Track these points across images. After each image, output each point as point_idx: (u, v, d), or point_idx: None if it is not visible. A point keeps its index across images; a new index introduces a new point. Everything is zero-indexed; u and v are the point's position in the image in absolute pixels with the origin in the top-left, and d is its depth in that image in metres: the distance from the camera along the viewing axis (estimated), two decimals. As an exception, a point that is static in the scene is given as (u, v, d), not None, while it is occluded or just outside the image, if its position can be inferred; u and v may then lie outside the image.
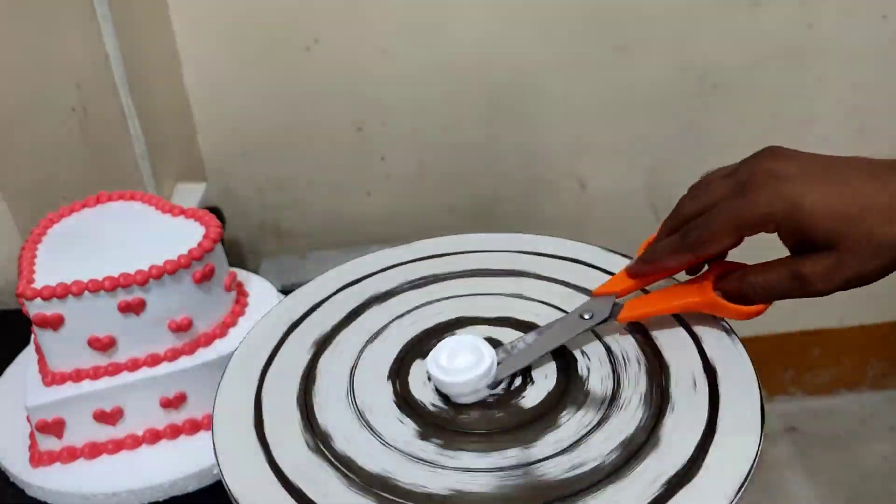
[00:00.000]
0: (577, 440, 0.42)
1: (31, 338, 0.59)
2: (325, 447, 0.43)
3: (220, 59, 1.13)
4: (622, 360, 0.47)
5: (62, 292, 0.52)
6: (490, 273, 0.55)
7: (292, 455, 0.42)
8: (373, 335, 0.50)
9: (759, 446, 0.40)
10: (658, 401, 0.44)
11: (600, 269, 0.55)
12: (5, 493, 0.56)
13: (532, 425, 0.43)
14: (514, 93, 1.18)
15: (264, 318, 0.52)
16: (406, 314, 0.52)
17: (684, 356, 0.47)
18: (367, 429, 0.44)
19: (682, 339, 0.48)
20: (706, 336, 0.48)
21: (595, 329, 0.48)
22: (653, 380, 0.45)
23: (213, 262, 0.58)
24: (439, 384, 0.45)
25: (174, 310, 0.56)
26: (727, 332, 0.48)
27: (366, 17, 1.11)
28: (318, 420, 0.45)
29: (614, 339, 0.48)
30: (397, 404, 0.45)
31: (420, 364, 0.48)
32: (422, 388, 0.46)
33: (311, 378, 0.47)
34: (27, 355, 0.63)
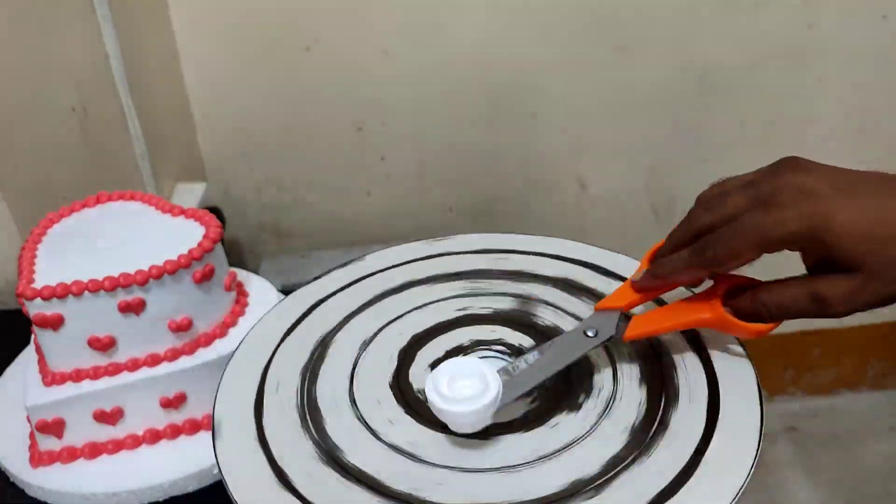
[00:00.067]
0: (577, 440, 0.42)
1: (31, 338, 0.59)
2: (325, 447, 0.43)
3: (220, 59, 1.13)
4: (621, 360, 0.47)
5: (62, 292, 0.52)
6: (490, 273, 0.55)
7: (293, 455, 0.42)
8: (373, 335, 0.50)
9: (759, 446, 0.40)
10: (658, 401, 0.44)
11: (601, 269, 0.55)
12: (5, 493, 0.56)
13: (531, 426, 0.43)
14: (514, 93, 1.18)
15: (264, 318, 0.53)
16: (406, 314, 0.52)
17: (684, 356, 0.47)
18: (368, 429, 0.44)
19: (682, 339, 0.48)
20: (706, 336, 0.48)
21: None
22: (652, 380, 0.46)
23: (213, 262, 0.57)
24: (439, 414, 0.41)
25: (174, 310, 0.56)
26: (727, 332, 0.48)
27: (366, 18, 1.11)
28: (318, 420, 0.45)
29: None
30: (398, 404, 0.45)
31: (421, 364, 0.48)
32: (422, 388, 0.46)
33: (312, 378, 0.47)
34: (27, 355, 0.63)
